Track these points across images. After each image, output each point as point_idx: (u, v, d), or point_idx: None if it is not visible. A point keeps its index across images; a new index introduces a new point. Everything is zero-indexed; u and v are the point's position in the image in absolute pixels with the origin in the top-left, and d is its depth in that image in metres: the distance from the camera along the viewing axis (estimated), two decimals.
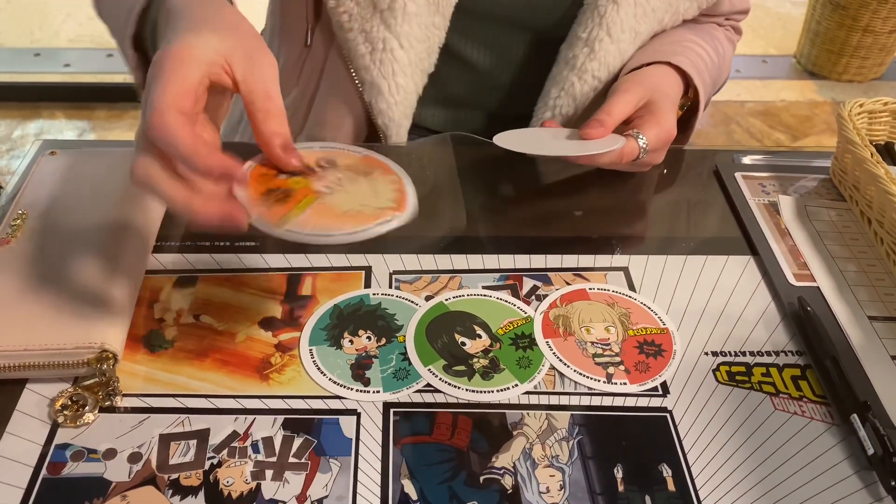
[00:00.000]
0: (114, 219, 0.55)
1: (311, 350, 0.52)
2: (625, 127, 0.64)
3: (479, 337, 0.54)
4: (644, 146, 0.63)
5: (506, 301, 0.57)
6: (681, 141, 0.68)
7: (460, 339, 0.54)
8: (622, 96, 0.64)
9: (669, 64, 0.69)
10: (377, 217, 0.45)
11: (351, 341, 0.53)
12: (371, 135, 0.75)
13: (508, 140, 0.63)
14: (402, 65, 0.68)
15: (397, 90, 0.70)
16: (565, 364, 0.53)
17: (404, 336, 0.54)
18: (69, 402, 0.47)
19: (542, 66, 0.73)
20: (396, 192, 0.48)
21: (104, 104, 2.27)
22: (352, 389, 0.50)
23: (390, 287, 0.57)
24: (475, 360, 0.53)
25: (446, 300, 0.57)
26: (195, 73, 0.43)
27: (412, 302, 0.56)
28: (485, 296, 0.57)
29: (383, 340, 0.53)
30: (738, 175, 0.70)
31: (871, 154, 0.61)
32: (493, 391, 0.51)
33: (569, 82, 0.71)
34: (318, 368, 0.51)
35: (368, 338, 0.53)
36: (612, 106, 0.63)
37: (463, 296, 0.57)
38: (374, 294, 0.57)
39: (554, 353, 0.53)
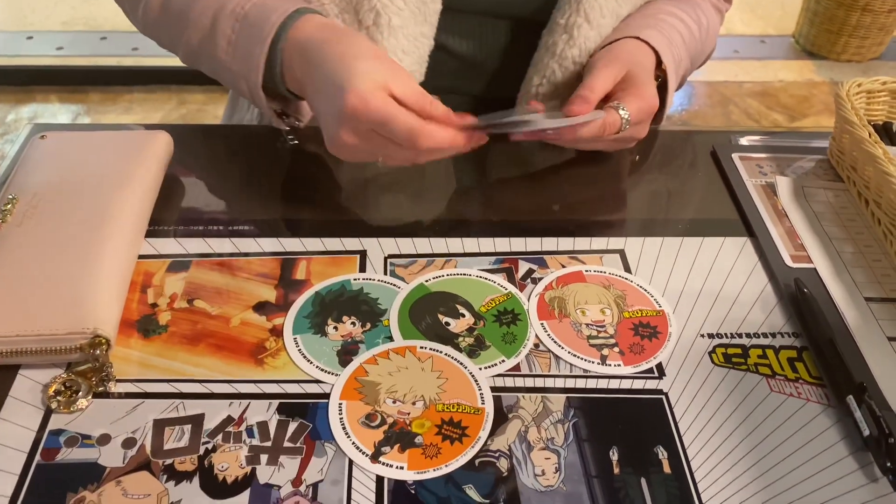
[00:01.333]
0: (105, 203, 0.55)
1: (295, 339, 0.52)
2: (604, 102, 0.63)
3: (463, 316, 0.54)
4: (626, 117, 0.62)
5: (486, 279, 0.57)
6: (656, 121, 0.67)
7: (444, 319, 0.54)
8: (601, 71, 0.63)
9: (639, 38, 0.68)
10: None
11: (335, 328, 0.53)
12: None
13: (490, 119, 0.62)
14: None
15: None
16: (560, 346, 0.53)
17: (388, 320, 0.53)
18: (62, 388, 0.47)
19: (524, 53, 0.73)
20: None
21: (98, 87, 2.25)
22: (340, 376, 0.49)
23: (385, 272, 0.57)
24: (461, 339, 0.52)
25: (426, 281, 0.56)
26: (392, 101, 0.53)
27: (394, 285, 0.56)
28: (465, 274, 0.57)
29: (368, 325, 0.53)
30: (735, 156, 0.70)
31: (869, 134, 0.61)
32: (481, 368, 0.50)
33: (549, 69, 0.70)
34: (305, 357, 0.50)
35: (353, 323, 0.53)
36: (594, 81, 0.62)
37: (443, 276, 0.57)
38: (355, 279, 0.56)
39: (548, 335, 0.53)
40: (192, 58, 0.64)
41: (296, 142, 0.68)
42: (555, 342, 0.53)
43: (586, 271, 0.59)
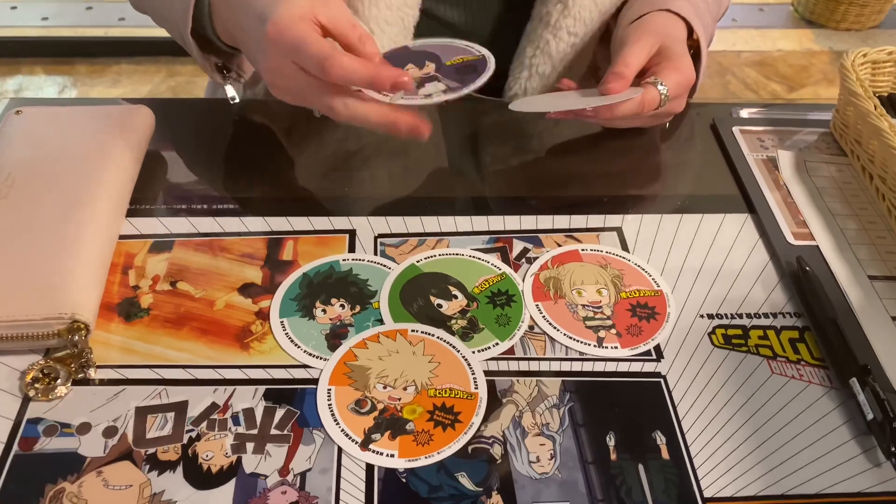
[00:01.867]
0: (84, 181, 0.53)
1: (282, 322, 0.50)
2: (640, 79, 0.61)
3: (455, 297, 0.52)
4: (664, 92, 0.59)
5: (479, 259, 0.55)
6: (690, 94, 0.65)
7: (436, 301, 0.52)
8: (634, 45, 0.60)
9: (669, 10, 0.65)
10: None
11: (324, 311, 0.51)
12: None
13: (525, 105, 0.60)
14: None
15: None
16: (555, 328, 0.51)
17: (378, 302, 0.52)
18: (40, 375, 0.45)
19: (516, 23, 0.70)
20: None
21: (84, 59, 2.21)
22: (328, 361, 0.48)
23: (375, 252, 0.55)
24: (453, 321, 0.51)
25: (418, 262, 0.55)
26: (312, 29, 0.51)
27: (384, 266, 0.54)
28: (457, 254, 0.55)
29: (357, 308, 0.51)
30: (735, 130, 0.68)
31: (875, 106, 0.59)
32: (474, 352, 0.49)
33: (543, 40, 0.68)
34: (292, 341, 0.49)
35: (342, 306, 0.51)
36: (628, 56, 0.59)
37: (435, 256, 0.55)
38: (343, 260, 0.54)
39: (544, 317, 0.52)
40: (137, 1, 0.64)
41: (237, 100, 0.65)
42: (550, 324, 0.51)
43: (582, 250, 0.57)
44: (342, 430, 0.44)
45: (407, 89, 0.52)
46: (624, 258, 0.56)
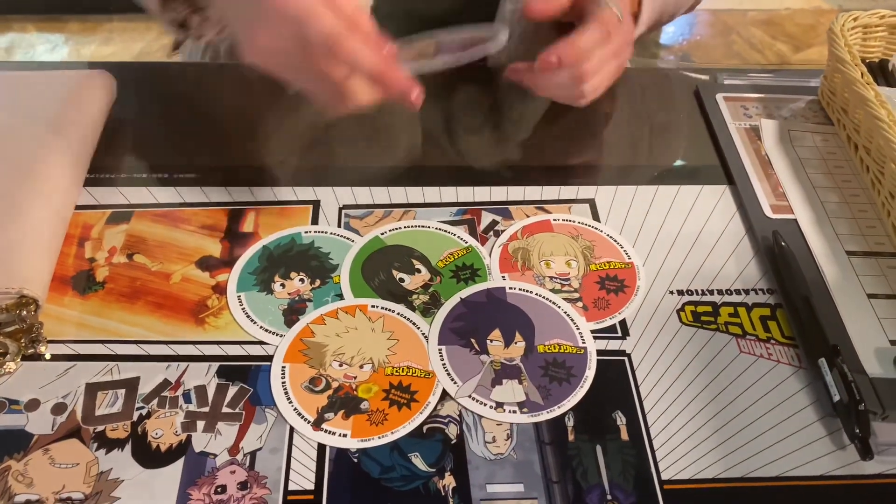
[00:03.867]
0: (35, 150, 0.51)
1: (239, 297, 0.49)
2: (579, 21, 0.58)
3: (419, 272, 0.51)
4: (618, 12, 0.56)
5: (446, 231, 0.54)
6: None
7: (398, 275, 0.51)
8: None
9: None
10: None
11: (283, 285, 0.50)
12: None
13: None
14: None
15: None
16: None
17: (339, 276, 0.50)
18: None
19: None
20: None
21: (76, 16, 2.17)
22: (284, 337, 0.47)
23: (339, 224, 0.54)
24: (415, 296, 0.50)
25: (382, 234, 0.53)
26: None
27: (347, 238, 0.53)
28: (423, 227, 0.54)
29: (317, 282, 0.50)
30: (719, 97, 0.66)
31: (862, 74, 0.57)
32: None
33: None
34: (248, 316, 0.48)
35: (301, 280, 0.50)
36: None
37: (400, 228, 0.54)
38: (306, 232, 0.53)
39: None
40: None
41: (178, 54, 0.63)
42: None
43: (554, 220, 0.55)
44: (294, 409, 0.43)
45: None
46: (597, 229, 0.55)
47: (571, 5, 0.58)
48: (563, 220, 0.55)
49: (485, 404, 0.44)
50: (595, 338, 0.48)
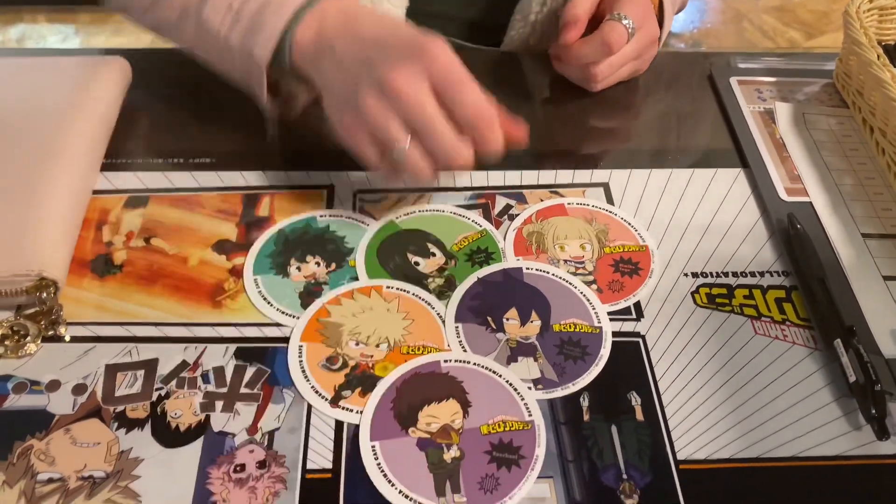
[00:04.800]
0: (54, 134, 0.51)
1: (256, 280, 0.49)
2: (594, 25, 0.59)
3: (434, 255, 0.51)
4: (629, 25, 0.58)
5: (461, 216, 0.54)
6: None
7: (413, 258, 0.51)
8: None
9: None
10: None
11: (298, 268, 0.50)
12: None
13: None
14: None
15: None
16: None
17: (355, 260, 0.51)
18: (10, 332, 0.45)
19: None
20: None
21: (87, 7, 2.17)
22: (301, 318, 0.47)
23: (354, 208, 0.54)
24: (430, 279, 0.50)
25: (397, 219, 0.53)
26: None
27: (362, 223, 0.53)
28: (438, 211, 0.54)
29: (333, 266, 0.50)
30: (733, 80, 0.65)
31: (878, 56, 0.56)
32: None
33: None
34: (265, 298, 0.48)
35: (317, 263, 0.50)
36: (576, 2, 0.58)
37: (415, 212, 0.54)
38: (321, 216, 0.53)
39: None
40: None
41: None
42: None
43: (568, 204, 0.55)
44: (312, 387, 0.44)
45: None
46: (611, 212, 0.55)
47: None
48: (578, 203, 0.56)
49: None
50: (610, 319, 0.48)
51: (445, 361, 0.45)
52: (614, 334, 0.47)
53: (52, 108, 0.53)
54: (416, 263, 0.51)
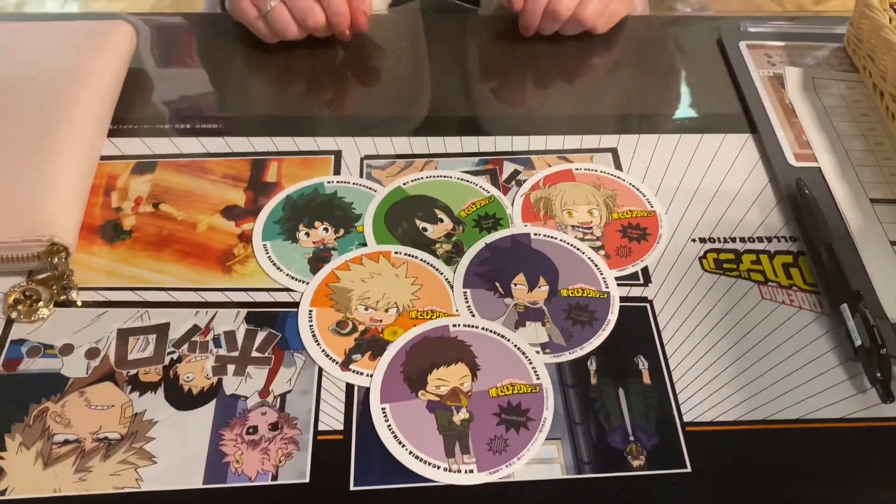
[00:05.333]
0: (60, 100, 0.51)
1: (265, 245, 0.49)
2: None
3: (441, 221, 0.51)
4: None
5: (468, 181, 0.54)
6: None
7: (421, 224, 0.51)
8: None
9: None
10: None
11: (307, 234, 0.50)
12: None
13: None
14: None
15: None
16: None
17: (363, 226, 0.51)
18: (22, 297, 0.45)
19: None
20: None
21: None
22: (311, 283, 0.47)
23: (361, 174, 0.54)
24: (438, 245, 0.50)
25: (404, 184, 0.53)
26: None
27: (370, 188, 0.53)
28: (445, 177, 0.54)
29: (341, 231, 0.50)
30: (742, 45, 0.65)
31: (890, 19, 0.56)
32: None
33: None
34: (274, 264, 0.48)
35: (325, 229, 0.50)
36: None
37: (422, 178, 0.54)
38: (328, 182, 0.53)
39: None
40: None
41: None
42: None
43: (576, 169, 0.55)
44: (323, 351, 0.44)
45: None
46: (619, 178, 0.55)
47: None
48: (586, 169, 0.55)
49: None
50: (618, 285, 0.48)
51: (454, 326, 0.45)
52: (622, 299, 0.48)
53: (59, 73, 0.53)
54: (424, 229, 0.51)
